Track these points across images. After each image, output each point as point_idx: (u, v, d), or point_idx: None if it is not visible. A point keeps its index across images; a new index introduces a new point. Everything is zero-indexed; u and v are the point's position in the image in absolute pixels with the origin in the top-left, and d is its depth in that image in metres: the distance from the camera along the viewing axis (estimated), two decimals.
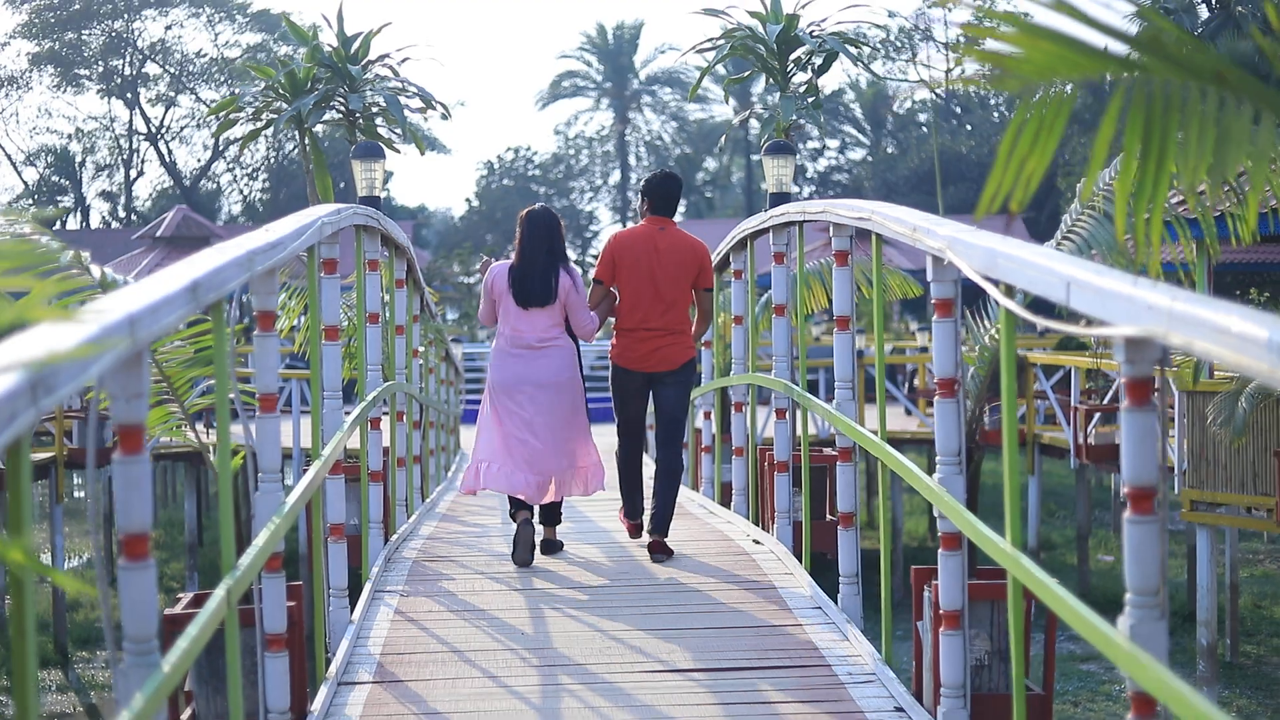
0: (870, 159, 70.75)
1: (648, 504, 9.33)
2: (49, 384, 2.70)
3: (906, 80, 72.93)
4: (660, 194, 9.09)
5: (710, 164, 76.09)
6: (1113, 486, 20.43)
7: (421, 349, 13.02)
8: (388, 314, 10.83)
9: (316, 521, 6.40)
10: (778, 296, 9.12)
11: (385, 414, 10.44)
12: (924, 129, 68.80)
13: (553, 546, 9.21)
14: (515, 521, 8.89)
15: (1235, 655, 18.24)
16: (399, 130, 11.92)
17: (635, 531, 9.64)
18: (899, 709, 5.93)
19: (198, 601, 5.58)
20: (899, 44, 64.96)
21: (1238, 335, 3.04)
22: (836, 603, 7.48)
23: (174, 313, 3.75)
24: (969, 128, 67.46)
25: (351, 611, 7.39)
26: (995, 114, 67.90)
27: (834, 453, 9.33)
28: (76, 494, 35.33)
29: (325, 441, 6.61)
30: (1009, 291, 4.56)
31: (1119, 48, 2.80)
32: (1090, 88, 3.02)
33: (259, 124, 11.87)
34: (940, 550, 5.58)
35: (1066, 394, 21.50)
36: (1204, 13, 49.66)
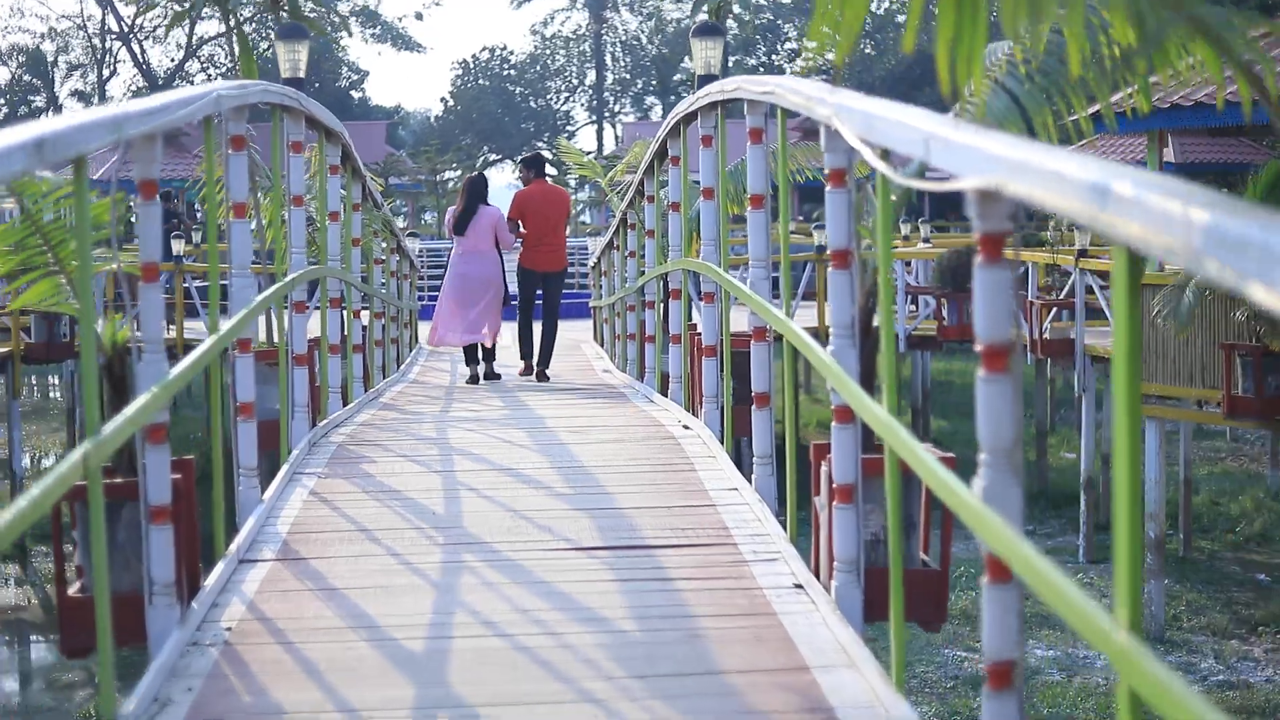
0: (848, 60, 70.44)
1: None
2: None
3: None
4: (535, 166, 14.65)
5: (688, 64, 75.69)
6: (1075, 384, 20.40)
7: (363, 238, 12.93)
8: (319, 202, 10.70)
9: (214, 398, 6.32)
10: (705, 180, 9.01)
11: (317, 307, 10.38)
12: (901, 29, 68.36)
13: (493, 375, 14.13)
14: (469, 366, 14.13)
15: (1189, 550, 18.34)
16: (329, 14, 11.82)
17: (527, 370, 14.39)
18: (798, 585, 5.89)
19: None
20: None
21: (1067, 179, 2.98)
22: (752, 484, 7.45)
23: (12, 167, 3.68)
24: None
25: (263, 492, 7.33)
26: None
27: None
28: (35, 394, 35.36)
29: (231, 317, 6.54)
30: (884, 155, 4.50)
31: None
32: None
33: (183, 6, 11.73)
34: (834, 423, 5.52)
35: (1024, 290, 21.49)
36: None
